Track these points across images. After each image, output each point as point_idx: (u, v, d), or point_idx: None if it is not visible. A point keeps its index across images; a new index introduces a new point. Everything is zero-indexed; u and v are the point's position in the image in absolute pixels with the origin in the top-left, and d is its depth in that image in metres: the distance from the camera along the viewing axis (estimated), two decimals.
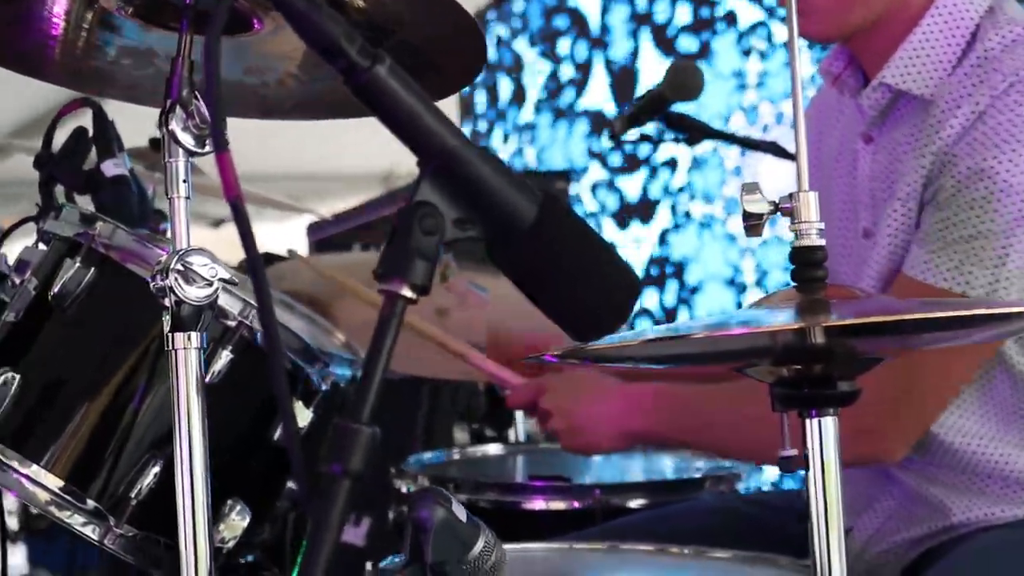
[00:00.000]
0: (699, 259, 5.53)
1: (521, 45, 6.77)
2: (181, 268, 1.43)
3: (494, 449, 3.14)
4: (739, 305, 5.28)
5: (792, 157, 2.86)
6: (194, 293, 1.45)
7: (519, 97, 6.83)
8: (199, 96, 1.46)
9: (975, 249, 1.91)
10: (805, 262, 1.38)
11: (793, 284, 1.38)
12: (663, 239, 5.68)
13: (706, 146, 5.15)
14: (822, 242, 1.38)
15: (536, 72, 6.63)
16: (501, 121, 6.98)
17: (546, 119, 6.55)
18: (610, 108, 5.98)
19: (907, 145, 2.02)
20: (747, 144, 3.25)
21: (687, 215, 5.57)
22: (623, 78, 5.92)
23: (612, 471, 2.96)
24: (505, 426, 3.37)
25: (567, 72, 6.34)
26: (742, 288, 5.32)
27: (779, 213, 1.40)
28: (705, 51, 5.42)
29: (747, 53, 5.24)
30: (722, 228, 5.41)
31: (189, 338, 1.48)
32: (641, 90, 3.31)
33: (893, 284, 2.02)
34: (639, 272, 5.19)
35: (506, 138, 6.90)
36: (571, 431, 2.26)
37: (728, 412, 2.14)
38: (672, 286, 5.63)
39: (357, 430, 1.07)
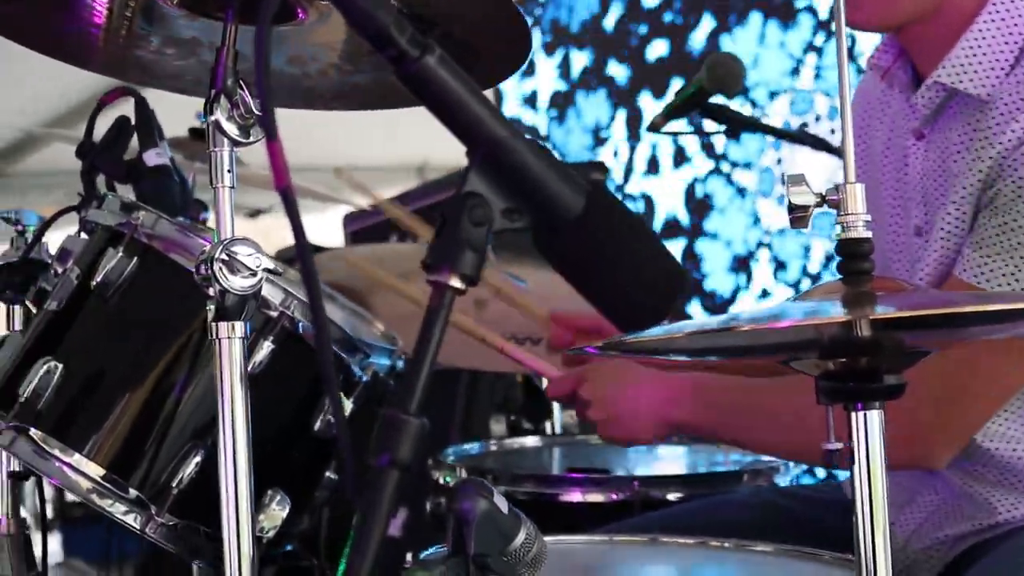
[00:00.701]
0: None
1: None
2: (226, 258, 1.43)
3: (531, 441, 3.14)
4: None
5: (833, 151, 2.86)
6: (238, 283, 1.45)
7: None
8: (244, 86, 1.46)
9: None
10: (851, 254, 1.37)
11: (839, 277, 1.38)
12: None
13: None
14: (868, 234, 1.37)
15: None
16: None
17: None
18: None
19: (961, 145, 2.00)
20: (788, 136, 3.23)
21: None
22: None
23: (650, 464, 2.96)
24: (543, 418, 3.36)
25: None
26: None
27: (825, 205, 1.39)
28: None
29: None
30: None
31: (233, 328, 1.47)
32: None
33: (944, 285, 2.00)
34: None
35: None
36: (610, 421, 2.25)
37: (770, 408, 2.13)
38: None
39: (406, 421, 1.06)
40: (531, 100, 6.39)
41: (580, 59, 6.18)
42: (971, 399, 1.97)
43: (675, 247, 5.63)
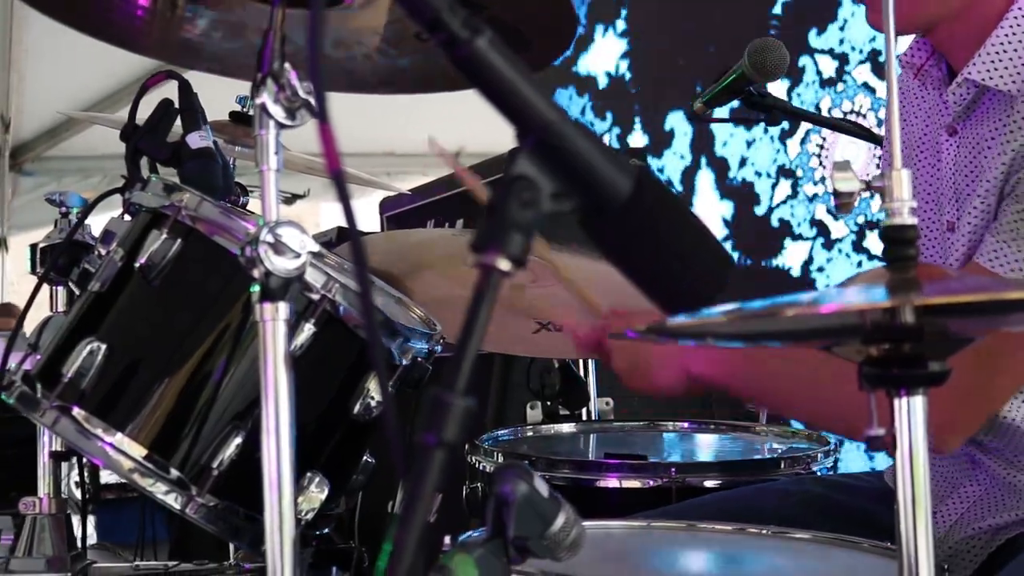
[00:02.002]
0: None
1: None
2: (272, 240, 1.44)
3: (567, 427, 3.14)
4: None
5: (875, 139, 2.85)
6: (283, 265, 1.44)
7: None
8: (290, 69, 1.46)
9: None
10: (896, 240, 1.37)
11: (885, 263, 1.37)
12: None
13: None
14: (914, 221, 1.36)
15: None
16: None
17: None
18: None
19: (991, 140, 2.00)
20: (830, 125, 3.22)
21: None
22: None
23: (687, 451, 2.96)
24: (579, 404, 3.36)
25: None
26: None
27: (871, 191, 1.38)
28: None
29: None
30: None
31: (277, 310, 1.47)
32: None
33: (962, 270, 2.00)
34: None
35: None
36: (633, 369, 2.22)
37: (804, 375, 2.10)
38: None
39: (453, 401, 1.07)
40: None
41: None
42: (987, 387, 1.95)
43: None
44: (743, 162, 5.69)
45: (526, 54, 1.47)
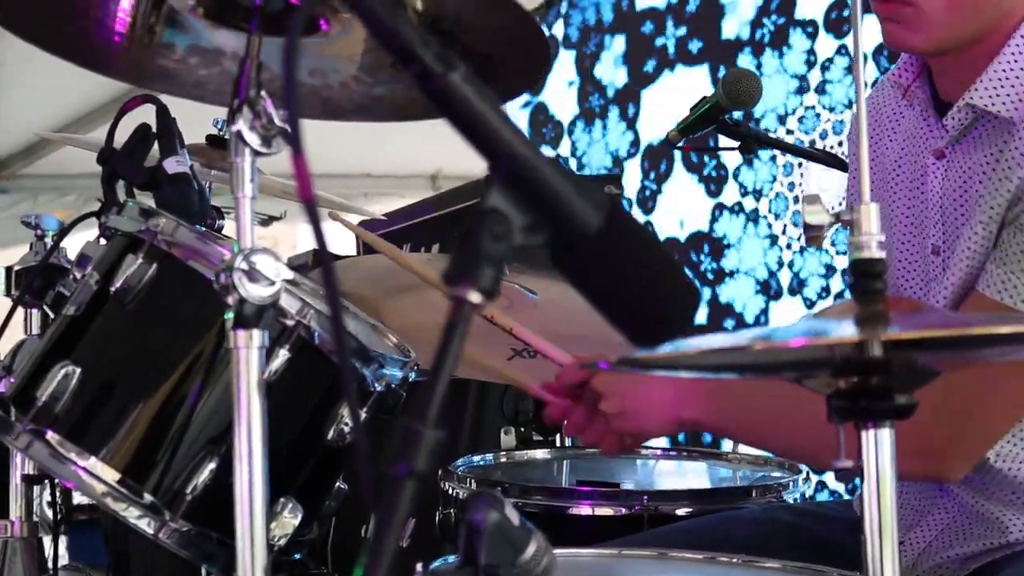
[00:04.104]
0: None
1: None
2: (246, 267, 1.44)
3: (541, 454, 3.15)
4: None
5: (846, 168, 2.86)
6: (257, 292, 1.45)
7: None
8: (266, 96, 1.47)
9: None
10: (865, 274, 1.38)
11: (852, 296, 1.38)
12: None
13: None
14: (882, 254, 1.37)
15: None
16: None
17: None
18: None
19: (987, 166, 1.99)
20: (802, 153, 3.24)
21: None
22: None
23: (659, 478, 2.96)
24: (552, 431, 3.37)
25: None
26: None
27: (840, 224, 1.40)
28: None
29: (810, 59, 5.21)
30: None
31: (251, 336, 1.48)
32: None
33: (966, 302, 2.00)
34: None
35: None
36: (623, 414, 2.21)
37: (787, 412, 2.11)
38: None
39: (424, 432, 1.08)
40: None
41: None
42: (988, 414, 1.96)
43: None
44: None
45: (498, 84, 1.49)
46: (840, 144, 4.81)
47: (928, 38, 2.00)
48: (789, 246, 5.18)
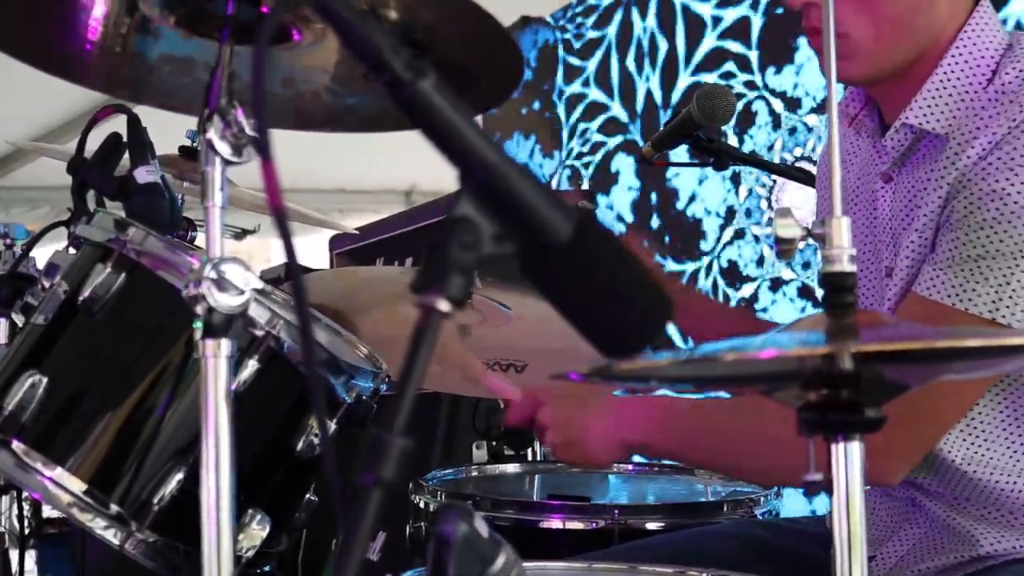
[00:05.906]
0: None
1: None
2: (215, 276, 1.43)
3: (512, 467, 3.14)
4: None
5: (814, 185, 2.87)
6: (226, 301, 1.44)
7: None
8: (237, 106, 1.47)
9: (981, 268, 1.90)
10: (835, 287, 1.38)
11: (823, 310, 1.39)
12: None
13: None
14: (853, 268, 1.38)
15: None
16: None
17: None
18: None
19: (927, 181, 2.02)
20: (775, 170, 3.25)
21: None
22: None
23: (630, 493, 2.96)
24: (524, 445, 3.37)
25: None
26: None
27: (811, 238, 1.40)
28: None
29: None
30: None
31: (219, 346, 1.47)
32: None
33: (902, 305, 2.01)
34: None
35: None
36: (567, 445, 2.22)
37: (740, 432, 2.12)
38: None
39: (391, 441, 1.07)
40: None
41: None
42: (927, 414, 1.96)
43: None
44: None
45: (472, 95, 1.49)
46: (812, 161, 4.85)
47: (863, 68, 2.05)
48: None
